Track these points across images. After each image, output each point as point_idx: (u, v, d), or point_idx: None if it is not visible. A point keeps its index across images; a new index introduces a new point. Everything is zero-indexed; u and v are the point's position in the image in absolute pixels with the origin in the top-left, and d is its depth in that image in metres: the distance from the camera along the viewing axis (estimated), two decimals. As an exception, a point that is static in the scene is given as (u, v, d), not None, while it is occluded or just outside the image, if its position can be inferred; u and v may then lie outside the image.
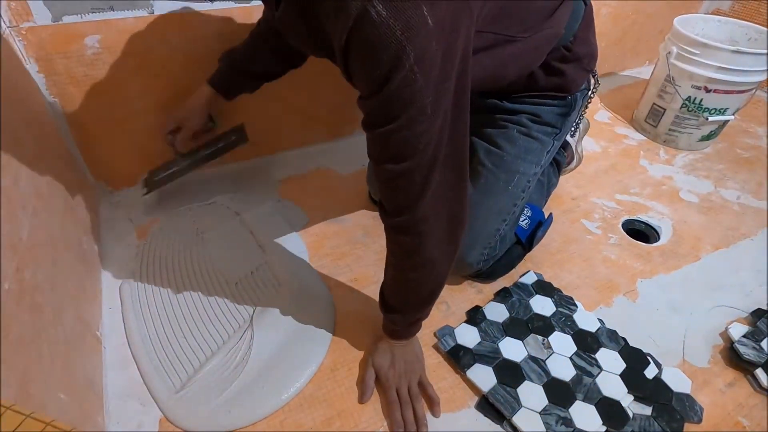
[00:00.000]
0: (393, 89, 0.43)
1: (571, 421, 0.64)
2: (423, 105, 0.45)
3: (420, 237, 0.55)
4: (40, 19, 0.76)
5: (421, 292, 0.62)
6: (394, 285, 0.63)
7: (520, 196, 0.80)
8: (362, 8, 0.39)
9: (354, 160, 1.15)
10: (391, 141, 0.48)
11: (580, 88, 0.79)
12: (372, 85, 0.44)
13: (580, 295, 0.84)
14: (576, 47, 0.73)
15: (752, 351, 0.73)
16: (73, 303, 0.65)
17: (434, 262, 0.58)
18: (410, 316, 0.65)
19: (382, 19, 0.39)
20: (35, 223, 0.60)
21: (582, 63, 0.75)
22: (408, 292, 0.63)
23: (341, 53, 0.45)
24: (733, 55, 1.10)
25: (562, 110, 0.79)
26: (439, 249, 0.57)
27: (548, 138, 0.80)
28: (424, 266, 0.58)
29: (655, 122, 1.30)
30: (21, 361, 0.46)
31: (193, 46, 0.90)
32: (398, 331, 0.67)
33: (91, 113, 0.89)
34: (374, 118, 0.48)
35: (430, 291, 0.63)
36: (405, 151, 0.48)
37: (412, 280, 0.60)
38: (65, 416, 0.51)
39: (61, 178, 0.78)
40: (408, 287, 0.62)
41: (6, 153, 0.56)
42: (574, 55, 0.74)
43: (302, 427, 0.64)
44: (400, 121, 0.45)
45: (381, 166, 0.51)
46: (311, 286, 0.83)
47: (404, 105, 0.45)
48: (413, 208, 0.52)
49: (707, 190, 1.14)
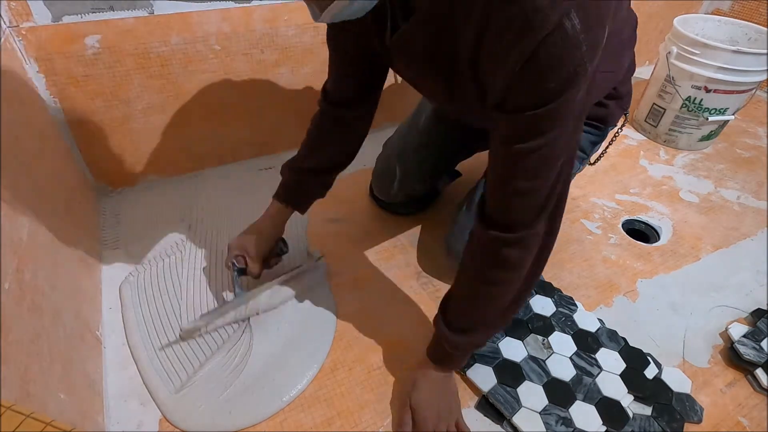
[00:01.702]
0: (558, 105, 0.42)
1: (571, 421, 0.64)
2: (572, 124, 0.44)
3: (527, 251, 0.53)
4: (40, 19, 0.76)
5: (497, 312, 0.59)
6: (472, 300, 0.59)
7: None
8: (558, 21, 0.37)
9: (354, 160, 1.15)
10: (530, 157, 0.46)
11: (615, 122, 0.83)
12: (537, 99, 0.42)
13: (580, 295, 0.84)
14: (620, 87, 0.77)
15: (752, 351, 0.73)
16: (73, 303, 0.65)
17: (524, 282, 0.56)
18: (478, 338, 0.61)
19: (576, 33, 0.38)
20: (35, 223, 0.60)
21: (622, 101, 0.79)
22: (485, 308, 0.59)
23: (514, 68, 0.41)
24: (733, 55, 1.10)
25: (595, 138, 0.83)
26: (534, 270, 0.56)
27: (577, 162, 0.82)
28: (516, 282, 0.56)
29: (655, 122, 1.30)
30: (21, 361, 0.46)
31: (193, 46, 0.91)
32: (453, 357, 0.63)
33: (91, 113, 0.89)
34: (521, 132, 0.45)
35: (504, 314, 0.60)
36: (540, 168, 0.47)
37: (495, 297, 0.57)
38: (65, 416, 0.51)
39: (61, 179, 0.78)
40: (488, 304, 0.58)
41: (6, 153, 0.56)
42: (618, 94, 0.78)
43: (302, 427, 0.64)
44: (547, 136, 0.44)
45: (508, 183, 0.48)
46: (312, 287, 0.83)
47: (560, 121, 0.43)
48: (531, 225, 0.50)
49: (707, 190, 1.14)
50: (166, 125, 0.98)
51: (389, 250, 0.92)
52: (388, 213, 1.00)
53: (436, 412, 0.63)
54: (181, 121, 0.99)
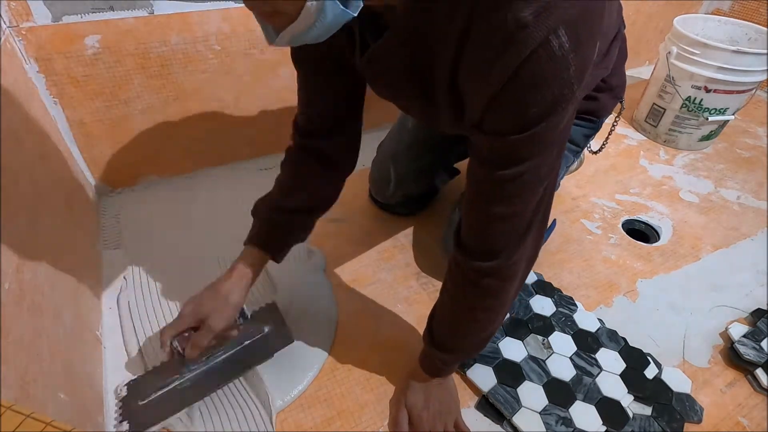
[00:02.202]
0: (541, 130, 0.39)
1: (571, 421, 0.64)
2: (556, 150, 0.42)
3: (507, 281, 0.51)
4: (40, 19, 0.76)
5: (483, 334, 0.58)
6: (456, 325, 0.58)
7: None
8: (544, 38, 0.34)
9: (354, 160, 1.15)
10: (512, 184, 0.43)
11: (609, 114, 0.81)
12: (518, 123, 0.39)
13: (580, 295, 0.84)
14: (611, 78, 0.75)
15: (752, 351, 0.73)
16: (73, 303, 0.65)
17: (508, 303, 0.55)
18: (463, 357, 0.62)
19: (564, 53, 0.35)
20: (35, 223, 0.60)
21: (614, 92, 0.78)
22: (470, 332, 0.58)
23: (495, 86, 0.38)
24: (733, 55, 1.10)
25: (589, 131, 0.82)
26: (515, 290, 0.54)
27: (570, 155, 0.82)
28: (500, 308, 0.55)
29: (655, 122, 1.30)
30: (21, 361, 0.46)
31: (193, 46, 0.91)
32: (442, 370, 0.63)
33: (91, 113, 0.89)
34: (501, 157, 0.43)
35: (492, 331, 0.59)
36: (521, 195, 0.44)
37: (480, 321, 0.56)
38: (65, 416, 0.51)
39: (61, 178, 0.78)
40: (472, 328, 0.57)
41: (6, 153, 0.56)
42: (608, 86, 0.76)
43: (302, 427, 0.64)
44: (530, 163, 0.41)
45: (487, 209, 0.46)
46: (313, 288, 0.83)
47: (543, 148, 0.41)
48: (510, 254, 0.48)
49: (707, 190, 1.14)
50: (166, 125, 0.98)
51: (389, 250, 0.92)
52: (388, 213, 1.00)
53: (433, 411, 0.63)
54: (181, 121, 0.99)
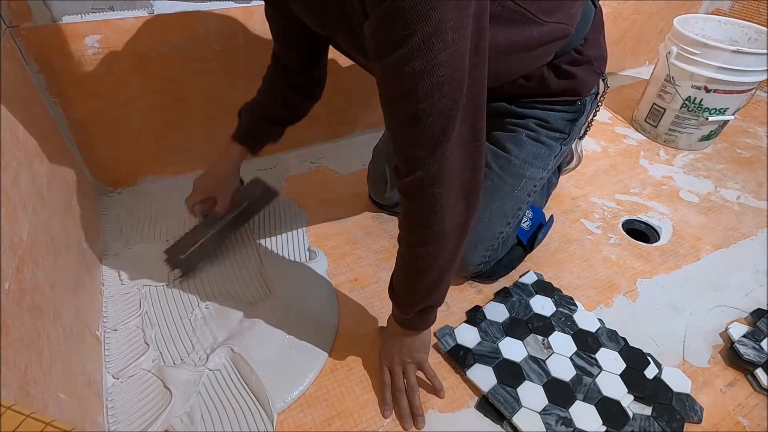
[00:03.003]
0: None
1: (571, 421, 0.64)
2: (442, 26, 0.38)
3: (433, 203, 0.49)
4: (40, 19, 0.76)
5: (430, 272, 0.56)
6: (403, 265, 0.58)
7: (525, 200, 0.80)
8: None
9: (354, 160, 1.15)
10: (404, 71, 0.40)
11: (590, 91, 0.77)
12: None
13: (580, 295, 0.84)
14: (587, 50, 0.72)
15: (752, 351, 0.73)
16: (73, 303, 0.65)
17: (446, 235, 0.52)
18: (419, 302, 0.60)
19: None
20: (35, 223, 0.59)
21: (593, 65, 0.74)
22: (417, 272, 0.56)
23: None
24: (733, 55, 1.10)
25: (571, 116, 0.78)
26: (451, 221, 0.52)
27: (556, 143, 0.79)
28: (435, 239, 0.53)
29: (655, 122, 1.30)
30: (21, 361, 0.46)
31: (193, 46, 0.91)
32: (409, 321, 0.63)
33: (91, 113, 0.89)
34: (383, 39, 0.40)
35: (440, 271, 0.56)
36: (422, 86, 0.41)
37: (422, 258, 0.54)
38: (65, 416, 0.51)
39: (61, 178, 0.78)
40: (417, 266, 0.56)
41: (6, 153, 0.56)
42: (585, 58, 0.72)
43: (302, 427, 0.64)
44: (413, 40, 0.38)
45: (394, 107, 0.45)
46: (314, 288, 0.83)
47: (419, 18, 0.37)
48: (427, 163, 0.46)
49: (707, 190, 1.14)
50: (166, 125, 0.98)
51: (389, 250, 0.92)
52: (388, 213, 1.00)
53: (398, 353, 0.66)
54: (181, 121, 0.99)
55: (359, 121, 1.24)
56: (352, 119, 1.22)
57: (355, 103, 1.19)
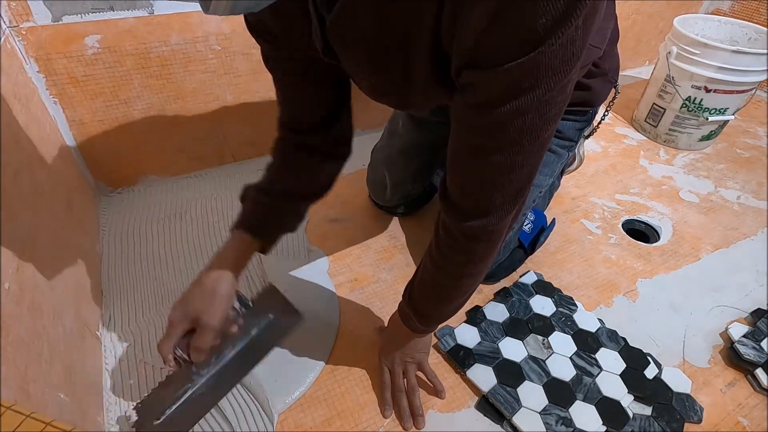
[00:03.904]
0: (549, 49, 0.32)
1: (571, 421, 0.64)
2: (567, 78, 0.34)
3: (495, 243, 0.47)
4: (40, 19, 0.76)
5: (462, 299, 0.57)
6: (440, 291, 0.56)
7: (530, 206, 0.80)
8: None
9: (354, 160, 1.13)
10: (514, 123, 0.36)
11: (603, 101, 0.77)
12: (527, 38, 0.31)
13: (580, 295, 0.84)
14: (603, 62, 0.70)
15: (752, 351, 0.73)
16: (73, 303, 0.65)
17: (489, 267, 0.52)
18: (447, 317, 0.60)
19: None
20: (35, 223, 0.60)
21: (608, 76, 0.73)
22: (457, 295, 0.56)
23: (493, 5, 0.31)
24: (733, 55, 1.10)
25: (581, 125, 0.78)
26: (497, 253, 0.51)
27: (564, 150, 0.79)
28: (483, 272, 0.51)
29: (655, 122, 1.30)
30: (21, 361, 0.46)
31: (193, 46, 0.91)
32: (418, 330, 0.62)
33: (91, 113, 0.89)
34: (501, 93, 0.35)
35: (469, 296, 0.58)
36: (523, 140, 0.37)
37: (467, 285, 0.54)
38: (65, 416, 0.51)
39: (61, 178, 0.78)
40: (458, 291, 0.55)
41: (6, 153, 0.56)
42: (602, 71, 0.71)
43: (302, 427, 0.64)
44: (534, 94, 0.34)
45: (485, 154, 0.39)
46: (315, 288, 0.83)
47: (552, 72, 0.33)
48: (503, 214, 0.43)
49: (707, 190, 1.14)
50: (166, 125, 0.98)
51: (389, 250, 0.92)
52: (388, 213, 1.00)
53: (399, 354, 0.66)
54: (181, 121, 0.99)
55: (359, 121, 1.23)
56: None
57: (355, 103, 1.19)
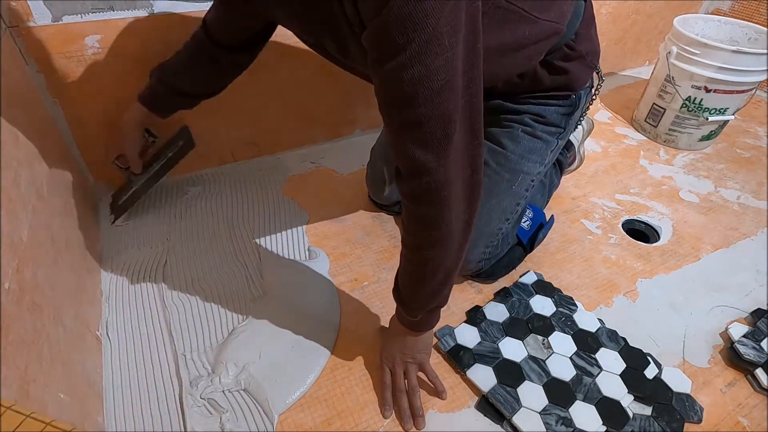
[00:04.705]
0: (402, 3, 0.37)
1: (571, 421, 0.64)
2: (438, 31, 0.39)
3: (441, 205, 0.49)
4: (40, 19, 0.76)
5: (438, 274, 0.56)
6: (410, 269, 0.58)
7: (523, 195, 0.80)
8: None
9: (354, 160, 1.15)
10: (404, 78, 0.41)
11: (584, 86, 0.77)
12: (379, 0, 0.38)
13: (580, 295, 0.84)
14: (579, 45, 0.72)
15: (752, 351, 0.73)
16: (73, 303, 0.65)
17: (453, 235, 0.52)
18: (428, 304, 0.60)
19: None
20: (35, 223, 0.59)
21: (586, 60, 0.74)
22: (426, 274, 0.56)
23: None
24: (733, 55, 1.10)
25: (566, 110, 0.78)
26: (458, 220, 0.51)
27: (552, 138, 0.79)
28: (444, 240, 0.52)
29: (655, 122, 1.30)
30: (21, 361, 0.46)
31: (193, 46, 0.90)
32: (416, 322, 0.62)
33: (91, 113, 0.89)
34: (381, 47, 0.41)
35: (448, 272, 0.57)
36: (422, 91, 0.42)
37: (431, 260, 0.54)
38: (65, 416, 0.51)
39: (61, 178, 0.78)
40: (426, 269, 0.56)
41: (6, 153, 0.56)
42: (577, 53, 0.72)
43: (302, 427, 0.64)
44: (411, 48, 0.39)
45: (395, 113, 0.45)
46: (315, 288, 0.83)
47: (415, 26, 0.38)
48: (435, 168, 0.46)
49: (707, 190, 1.14)
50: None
51: (389, 250, 0.92)
52: (388, 213, 1.00)
53: (400, 354, 0.66)
54: (180, 121, 0.99)
55: (359, 121, 1.24)
56: (352, 119, 1.22)
57: (355, 103, 1.19)
